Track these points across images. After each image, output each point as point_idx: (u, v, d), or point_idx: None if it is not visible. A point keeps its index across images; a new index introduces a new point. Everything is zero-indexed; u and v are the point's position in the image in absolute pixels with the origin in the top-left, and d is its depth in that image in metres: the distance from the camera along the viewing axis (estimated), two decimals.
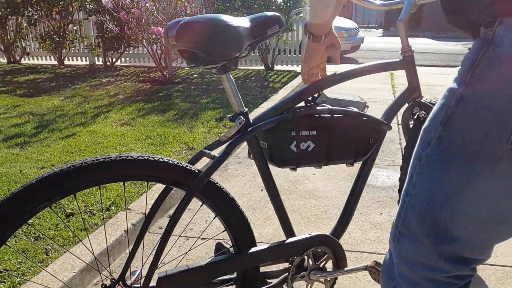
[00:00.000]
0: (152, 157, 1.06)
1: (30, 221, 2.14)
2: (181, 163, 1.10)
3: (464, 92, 0.71)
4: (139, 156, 1.04)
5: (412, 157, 0.82)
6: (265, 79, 6.39)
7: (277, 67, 7.48)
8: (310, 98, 1.28)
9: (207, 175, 1.09)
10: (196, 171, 1.11)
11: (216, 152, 1.18)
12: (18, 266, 1.80)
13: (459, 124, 0.71)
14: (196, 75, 6.67)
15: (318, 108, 1.26)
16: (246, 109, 1.19)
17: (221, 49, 1.07)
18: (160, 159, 1.07)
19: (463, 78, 0.72)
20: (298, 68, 7.38)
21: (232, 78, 1.17)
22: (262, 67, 7.41)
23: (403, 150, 3.25)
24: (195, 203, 2.46)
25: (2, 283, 1.69)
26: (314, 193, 2.59)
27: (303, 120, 1.23)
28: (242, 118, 1.17)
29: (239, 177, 2.87)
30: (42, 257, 1.88)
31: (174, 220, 1.06)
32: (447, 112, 0.73)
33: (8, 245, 0.98)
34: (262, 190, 2.64)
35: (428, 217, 0.78)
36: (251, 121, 1.21)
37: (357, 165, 2.46)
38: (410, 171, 0.83)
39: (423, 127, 0.80)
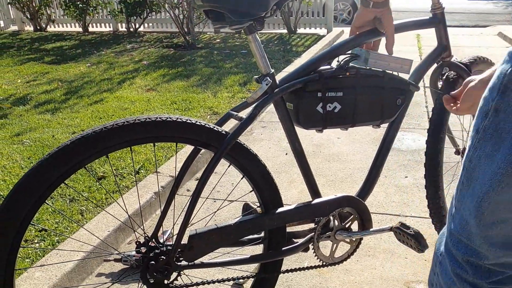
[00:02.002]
0: (180, 119, 1.08)
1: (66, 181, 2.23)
2: (209, 125, 1.12)
3: None
4: (167, 118, 1.06)
5: (471, 128, 0.76)
6: (288, 42, 6.29)
7: (300, 30, 7.32)
8: (339, 59, 1.26)
9: (235, 136, 1.11)
10: (224, 132, 1.13)
11: (243, 114, 1.19)
12: (56, 226, 1.90)
13: None
14: (218, 40, 6.61)
15: (344, 68, 1.25)
16: (272, 71, 1.19)
17: (248, 8, 1.06)
18: (188, 120, 1.09)
19: None
20: (321, 31, 7.20)
21: (259, 39, 1.16)
22: (285, 31, 7.27)
23: (430, 113, 3.19)
24: (221, 166, 2.50)
25: (42, 241, 1.79)
26: (339, 156, 2.60)
27: (330, 81, 1.22)
28: (269, 80, 1.17)
29: (264, 141, 2.88)
30: (78, 217, 1.97)
31: (203, 180, 1.09)
32: (504, 80, 0.65)
33: (47, 203, 1.03)
34: (286, 154, 2.66)
35: (477, 196, 0.72)
36: (277, 82, 1.20)
37: (383, 129, 2.43)
38: (468, 143, 0.76)
39: (483, 95, 0.73)
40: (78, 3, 7.32)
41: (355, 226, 1.38)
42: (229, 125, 2.74)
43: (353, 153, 2.62)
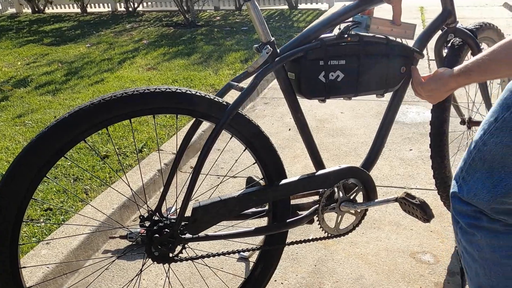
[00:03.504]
0: (179, 89, 1.06)
1: (69, 154, 2.23)
2: (209, 95, 1.10)
3: None
4: (167, 89, 1.04)
5: (488, 113, 0.80)
6: (289, 18, 6.18)
7: (301, 6, 7.18)
8: (340, 26, 1.23)
9: (236, 107, 1.09)
10: (225, 103, 1.11)
11: (244, 84, 1.17)
12: (61, 205, 1.91)
13: None
14: (218, 17, 6.51)
15: (346, 35, 1.21)
16: (273, 39, 1.16)
17: None
18: (188, 91, 1.06)
19: None
20: (323, 6, 7.07)
21: (258, 6, 1.12)
22: (286, 7, 7.14)
23: None
24: (223, 142, 2.49)
25: (47, 220, 1.80)
26: (343, 131, 2.57)
27: (332, 48, 1.19)
28: (269, 48, 1.14)
29: (267, 117, 2.86)
30: (82, 196, 1.97)
31: (205, 152, 1.07)
32: None
33: (48, 177, 1.02)
34: (290, 130, 2.64)
35: (496, 180, 0.78)
36: (278, 51, 1.17)
37: (386, 102, 2.40)
38: (483, 126, 0.81)
39: (507, 86, 0.76)
40: None
41: (359, 198, 1.37)
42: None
43: (356, 128, 2.60)
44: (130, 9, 7.42)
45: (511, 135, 0.75)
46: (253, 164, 1.26)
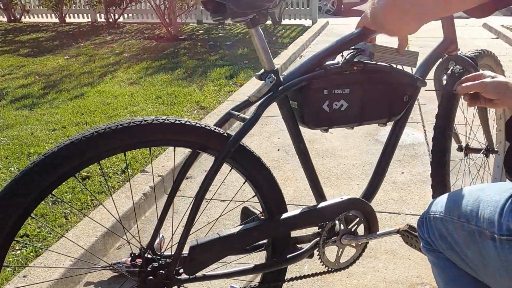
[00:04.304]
0: (178, 120, 0.99)
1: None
2: (209, 126, 1.03)
3: None
4: (165, 120, 0.97)
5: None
6: (273, 34, 6.19)
7: (285, 21, 7.22)
8: (343, 54, 1.18)
9: (238, 139, 1.02)
10: (225, 134, 1.04)
11: (245, 113, 1.10)
12: (38, 230, 1.79)
13: None
14: (201, 31, 6.46)
15: (351, 63, 1.17)
16: (276, 67, 1.10)
17: (253, 0, 0.96)
18: (187, 123, 0.99)
19: None
20: (306, 22, 7.12)
21: (262, 32, 1.07)
22: (269, 22, 7.16)
23: (422, 106, 3.16)
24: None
25: (24, 248, 1.68)
26: (332, 152, 2.53)
27: (336, 77, 1.14)
28: (273, 77, 1.08)
29: (255, 137, 2.80)
30: (62, 221, 1.85)
31: (205, 187, 1.00)
32: None
33: (33, 217, 0.93)
34: (278, 150, 2.58)
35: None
36: (281, 79, 1.12)
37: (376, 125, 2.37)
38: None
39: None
40: None
41: (360, 230, 1.32)
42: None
43: (346, 149, 2.57)
44: (111, 20, 7.30)
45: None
46: (253, 197, 1.19)
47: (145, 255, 1.05)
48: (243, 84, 3.70)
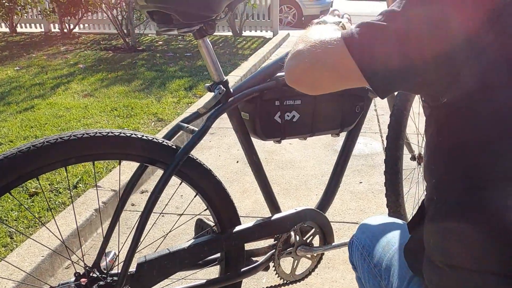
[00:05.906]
0: (124, 133, 0.95)
1: None
2: (156, 139, 1.00)
3: None
4: (109, 133, 0.93)
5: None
6: (234, 45, 6.20)
7: (246, 33, 7.26)
8: None
9: (187, 151, 0.99)
10: (174, 147, 1.01)
11: (195, 125, 1.08)
12: None
13: None
14: (161, 42, 6.38)
15: None
16: (226, 78, 1.09)
17: (198, 10, 0.95)
18: (133, 135, 0.96)
19: None
20: (267, 34, 7.19)
21: (210, 43, 1.05)
22: (230, 33, 7.18)
23: (381, 116, 3.23)
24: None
25: None
26: (292, 163, 2.54)
27: (288, 87, 1.14)
28: (222, 88, 1.06)
29: (213, 149, 2.77)
30: (6, 240, 1.74)
31: (152, 201, 0.96)
32: None
33: None
34: (238, 162, 2.56)
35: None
36: (231, 90, 1.10)
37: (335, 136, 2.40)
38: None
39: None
40: (4, 1, 6.75)
41: (316, 241, 1.31)
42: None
43: (306, 160, 2.58)
44: (65, 30, 7.07)
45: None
46: (205, 210, 1.16)
47: (90, 274, 1.00)
48: (202, 95, 3.67)
